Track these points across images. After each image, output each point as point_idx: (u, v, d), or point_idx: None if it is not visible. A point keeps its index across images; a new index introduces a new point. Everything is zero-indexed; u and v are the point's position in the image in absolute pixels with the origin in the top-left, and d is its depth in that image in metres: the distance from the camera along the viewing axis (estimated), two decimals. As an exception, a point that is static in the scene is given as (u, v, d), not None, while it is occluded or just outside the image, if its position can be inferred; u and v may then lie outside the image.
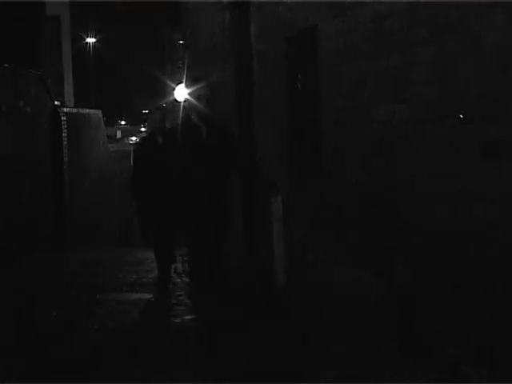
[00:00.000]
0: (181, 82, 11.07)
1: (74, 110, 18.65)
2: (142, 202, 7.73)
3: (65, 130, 16.53)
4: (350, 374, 4.57)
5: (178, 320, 6.49)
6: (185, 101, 7.85)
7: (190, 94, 7.36)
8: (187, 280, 8.44)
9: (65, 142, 16.49)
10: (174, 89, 12.15)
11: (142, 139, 8.72)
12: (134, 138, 71.23)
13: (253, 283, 7.66)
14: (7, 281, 9.56)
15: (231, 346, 5.49)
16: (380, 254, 5.42)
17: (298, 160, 7.32)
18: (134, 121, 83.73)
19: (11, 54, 16.09)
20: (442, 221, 4.60)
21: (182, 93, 9.80)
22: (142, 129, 75.62)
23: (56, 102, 17.08)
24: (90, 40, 54.22)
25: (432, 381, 4.32)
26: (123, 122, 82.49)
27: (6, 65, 14.58)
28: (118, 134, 70.13)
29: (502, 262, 4.00)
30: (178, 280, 8.73)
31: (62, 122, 16.47)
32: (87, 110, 20.03)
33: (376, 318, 5.40)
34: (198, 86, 7.24)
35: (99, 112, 20.23)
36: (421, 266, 4.86)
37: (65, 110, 17.45)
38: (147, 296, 7.81)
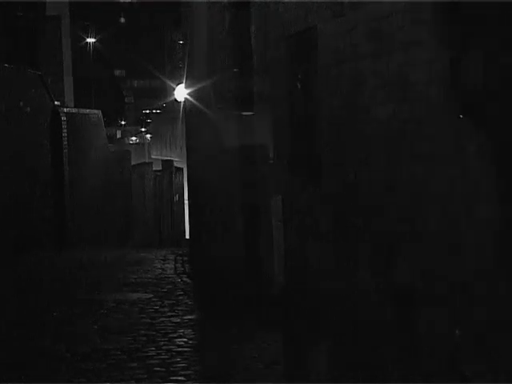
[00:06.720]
0: (181, 83, 11.08)
1: (74, 110, 18.67)
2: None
3: (65, 130, 16.55)
4: (349, 374, 4.57)
5: (177, 320, 6.49)
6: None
7: (189, 94, 7.34)
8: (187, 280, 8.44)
9: (65, 142, 16.51)
10: (174, 89, 12.17)
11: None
12: (133, 138, 71.27)
13: (252, 283, 7.66)
14: (7, 280, 9.56)
15: (228, 346, 5.49)
16: (380, 253, 5.41)
17: (298, 160, 7.31)
18: (134, 121, 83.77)
19: (11, 53, 16.09)
20: (442, 221, 4.60)
21: (182, 93, 9.81)
22: (142, 129, 75.68)
23: (56, 102, 17.09)
24: (90, 40, 54.23)
25: (432, 381, 4.31)
26: (123, 122, 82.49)
27: (6, 65, 14.59)
28: (118, 134, 70.19)
29: (502, 262, 4.00)
30: (179, 280, 8.74)
31: (62, 122, 16.49)
32: (87, 110, 20.06)
33: (375, 317, 5.40)
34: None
35: (99, 112, 20.25)
36: (420, 266, 4.86)
37: (65, 109, 17.48)
38: (147, 296, 7.82)
